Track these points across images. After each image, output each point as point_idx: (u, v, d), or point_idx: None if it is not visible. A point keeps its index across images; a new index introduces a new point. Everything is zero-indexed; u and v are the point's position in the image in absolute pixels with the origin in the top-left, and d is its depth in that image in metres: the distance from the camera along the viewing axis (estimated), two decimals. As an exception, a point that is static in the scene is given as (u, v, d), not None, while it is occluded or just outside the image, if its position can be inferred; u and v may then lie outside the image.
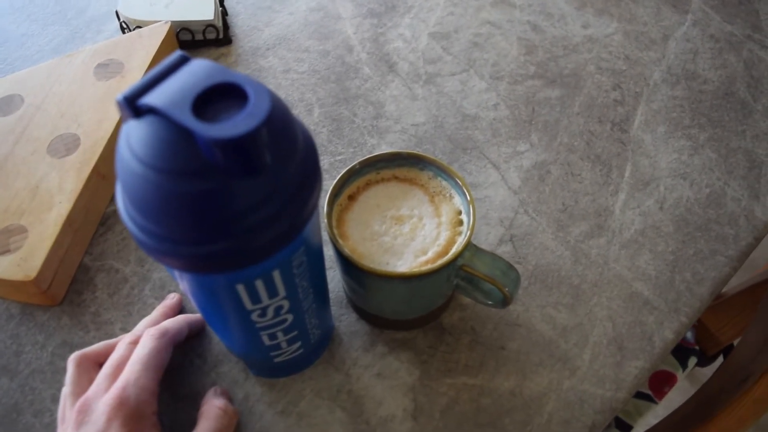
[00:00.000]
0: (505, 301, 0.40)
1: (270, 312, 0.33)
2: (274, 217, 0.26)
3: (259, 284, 0.30)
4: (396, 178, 0.42)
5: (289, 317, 0.35)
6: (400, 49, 0.63)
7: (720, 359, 0.80)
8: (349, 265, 0.38)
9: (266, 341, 0.36)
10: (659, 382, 0.72)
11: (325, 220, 0.39)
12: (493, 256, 0.39)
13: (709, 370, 0.87)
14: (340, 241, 0.39)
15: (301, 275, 0.32)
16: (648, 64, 0.61)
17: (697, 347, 0.75)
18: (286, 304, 0.33)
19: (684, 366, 0.73)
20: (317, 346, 0.43)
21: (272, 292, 0.31)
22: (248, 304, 0.31)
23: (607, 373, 0.44)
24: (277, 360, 0.40)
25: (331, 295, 0.47)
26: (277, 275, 0.30)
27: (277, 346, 0.38)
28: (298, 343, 0.39)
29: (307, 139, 0.28)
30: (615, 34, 0.64)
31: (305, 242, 0.30)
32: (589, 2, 0.67)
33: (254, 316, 0.33)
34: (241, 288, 0.29)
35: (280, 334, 0.36)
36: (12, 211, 0.49)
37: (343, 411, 0.42)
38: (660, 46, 0.63)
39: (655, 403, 0.73)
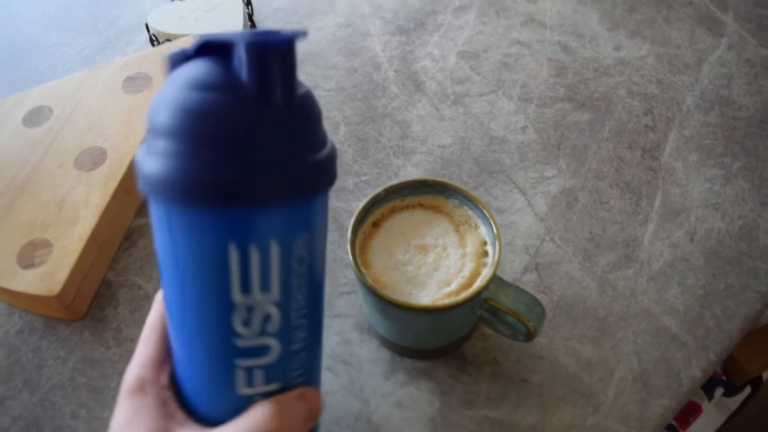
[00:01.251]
0: (529, 336, 0.39)
1: (256, 320, 0.27)
2: (288, 156, 0.25)
3: (254, 256, 0.26)
4: (421, 205, 0.42)
5: (275, 346, 0.29)
6: (428, 68, 0.63)
7: (747, 389, 0.78)
8: (371, 295, 0.38)
9: (241, 380, 0.29)
10: (684, 413, 0.71)
11: (349, 248, 0.39)
12: (518, 290, 0.39)
13: (733, 401, 0.85)
14: (363, 270, 0.38)
15: (299, 279, 0.28)
16: (681, 89, 0.60)
17: (724, 377, 0.73)
18: (275, 314, 0.28)
19: (710, 396, 0.72)
20: None
21: (265, 280, 0.27)
22: (236, 290, 0.27)
23: (631, 411, 0.43)
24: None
25: (353, 320, 0.46)
26: (275, 251, 0.26)
27: (249, 403, 0.30)
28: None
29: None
30: (647, 56, 0.63)
31: (310, 234, 0.28)
32: (621, 23, 0.66)
33: (237, 320, 0.27)
34: (233, 253, 0.26)
35: (258, 375, 0.29)
36: (38, 224, 0.49)
37: (361, 440, 0.42)
38: (693, 70, 0.62)
39: (679, 432, 0.71)
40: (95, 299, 0.50)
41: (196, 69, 0.25)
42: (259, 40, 0.23)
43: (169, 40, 0.63)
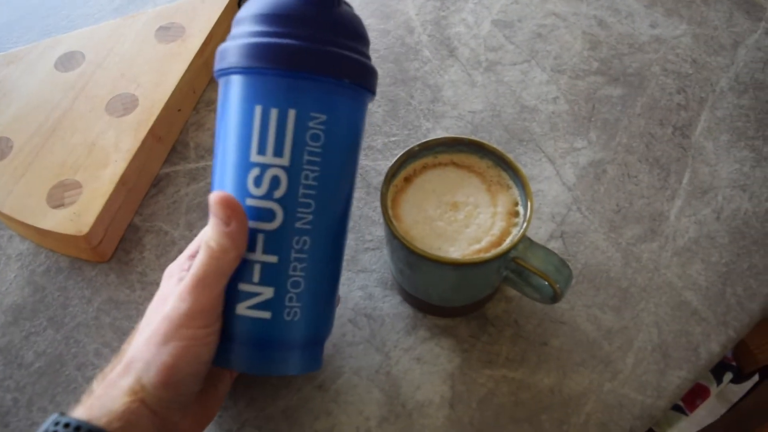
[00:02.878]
0: (554, 297, 0.40)
1: (265, 181, 0.32)
2: (319, 40, 0.31)
3: (273, 118, 0.31)
4: (454, 163, 0.42)
5: (279, 214, 0.32)
6: (462, 34, 0.62)
7: (755, 378, 0.78)
8: (400, 247, 0.38)
9: None
10: (692, 395, 0.71)
11: (380, 200, 0.39)
12: (547, 251, 0.39)
13: (740, 389, 0.85)
14: (394, 222, 0.39)
15: (312, 156, 0.32)
16: (715, 70, 0.60)
17: (734, 363, 0.73)
18: (283, 179, 0.32)
19: (719, 381, 0.72)
20: (287, 340, 0.34)
21: (279, 144, 0.32)
22: (254, 148, 0.32)
23: (649, 380, 0.43)
24: (239, 309, 0.33)
25: (376, 275, 0.47)
26: (291, 119, 0.31)
27: (249, 271, 0.33)
28: (270, 291, 0.33)
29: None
30: (683, 36, 0.62)
31: (329, 119, 0.32)
32: (659, 1, 0.65)
33: (250, 178, 0.32)
34: (257, 112, 0.32)
35: (259, 243, 0.33)
36: (68, 166, 0.49)
37: (381, 391, 0.42)
38: (729, 52, 0.61)
39: (686, 415, 0.71)
40: (121, 243, 0.50)
41: None
42: None
43: (203, -8, 0.63)
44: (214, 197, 0.32)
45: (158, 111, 0.52)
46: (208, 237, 0.32)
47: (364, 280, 0.47)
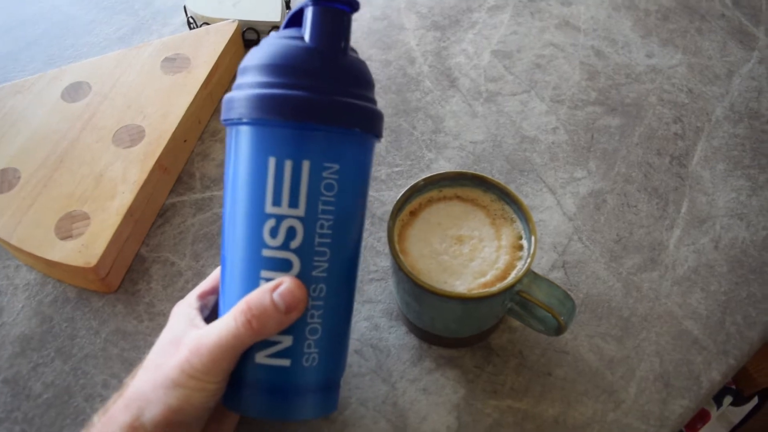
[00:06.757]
0: (558, 330, 0.40)
1: (281, 232, 0.32)
2: (329, 90, 0.32)
3: (287, 170, 0.32)
4: (458, 197, 0.43)
5: (295, 264, 0.33)
6: (462, 65, 0.64)
7: (754, 400, 0.79)
8: (407, 281, 0.38)
9: None
10: (693, 419, 0.72)
11: (387, 234, 0.40)
12: (551, 284, 0.40)
13: (740, 411, 0.86)
14: (401, 256, 0.39)
15: (326, 205, 0.33)
16: (711, 100, 0.61)
17: (733, 386, 0.74)
18: (299, 229, 0.32)
19: (719, 404, 0.72)
20: (305, 385, 0.35)
21: (293, 195, 0.32)
22: (269, 200, 0.32)
23: (651, 410, 0.44)
24: (258, 358, 0.34)
25: (382, 306, 0.47)
26: (305, 170, 0.32)
27: None
28: (289, 339, 0.33)
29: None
30: (679, 65, 0.64)
31: (341, 168, 0.33)
32: (654, 31, 0.67)
33: (266, 229, 0.32)
34: (271, 163, 0.32)
35: None
36: (76, 197, 0.50)
37: (388, 422, 0.42)
38: (724, 81, 0.62)
39: (687, 438, 0.72)
40: (128, 273, 0.51)
41: (284, 30, 0.34)
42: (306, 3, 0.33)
43: (207, 23, 0.64)
44: (291, 283, 0.32)
45: (165, 142, 0.53)
46: (250, 309, 0.32)
47: (370, 311, 0.47)
